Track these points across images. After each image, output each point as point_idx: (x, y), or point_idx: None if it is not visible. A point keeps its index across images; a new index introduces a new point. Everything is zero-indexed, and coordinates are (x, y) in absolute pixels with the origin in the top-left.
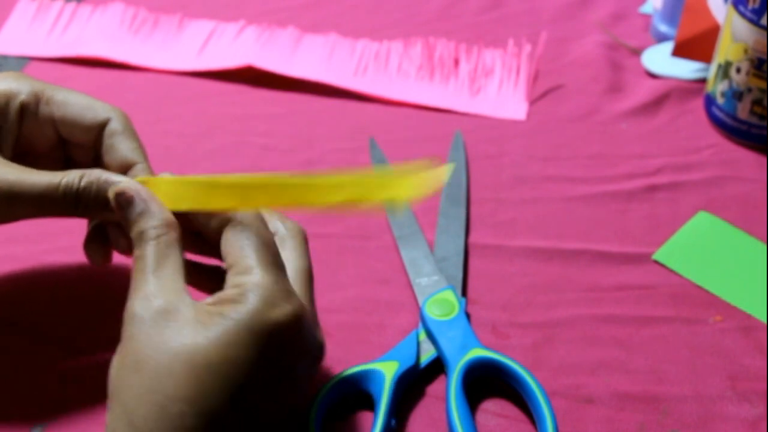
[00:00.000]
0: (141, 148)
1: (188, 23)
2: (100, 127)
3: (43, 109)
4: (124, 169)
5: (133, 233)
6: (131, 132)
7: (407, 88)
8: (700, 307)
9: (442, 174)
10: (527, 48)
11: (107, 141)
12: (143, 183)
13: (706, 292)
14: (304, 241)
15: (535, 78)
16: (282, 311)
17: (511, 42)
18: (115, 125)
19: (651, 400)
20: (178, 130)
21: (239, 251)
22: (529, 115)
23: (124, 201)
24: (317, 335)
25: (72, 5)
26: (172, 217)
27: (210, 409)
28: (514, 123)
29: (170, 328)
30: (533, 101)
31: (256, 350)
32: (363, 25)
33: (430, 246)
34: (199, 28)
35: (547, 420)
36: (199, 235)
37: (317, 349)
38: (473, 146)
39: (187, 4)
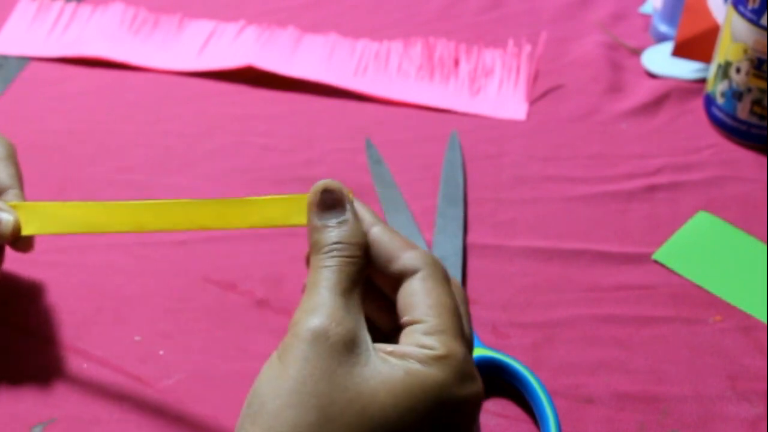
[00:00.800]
0: (19, 176)
1: (188, 23)
2: None
3: None
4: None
5: (324, 239)
6: (12, 160)
7: (407, 88)
8: (700, 307)
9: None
10: (527, 48)
11: None
12: (17, 206)
13: (706, 292)
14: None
15: (535, 78)
16: (470, 390)
17: (511, 42)
18: None
19: (651, 400)
20: (178, 130)
21: (431, 309)
22: (529, 115)
23: (331, 201)
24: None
25: (72, 5)
26: (365, 243)
27: None
28: (514, 123)
29: (352, 368)
30: (533, 101)
31: (434, 421)
32: (363, 25)
33: (429, 246)
34: (199, 29)
35: (550, 419)
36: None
37: None
38: (473, 146)
39: (187, 5)
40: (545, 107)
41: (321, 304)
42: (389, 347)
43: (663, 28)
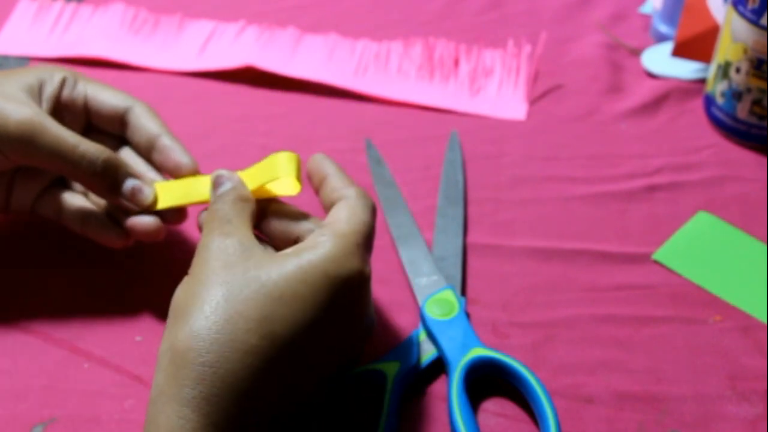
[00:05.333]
0: (164, 125)
1: (188, 23)
2: (125, 111)
3: (80, 89)
4: (152, 141)
5: (214, 196)
6: (155, 113)
7: (407, 88)
8: (700, 307)
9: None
10: (527, 48)
11: (132, 121)
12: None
13: (706, 292)
14: (369, 204)
15: (534, 78)
16: (354, 264)
17: (511, 42)
18: (139, 109)
19: (651, 400)
20: (178, 130)
21: (340, 215)
22: (528, 115)
23: (220, 180)
24: (372, 306)
25: (72, 5)
26: (248, 195)
27: (274, 333)
28: (514, 123)
29: (247, 260)
30: (533, 101)
31: (325, 291)
32: (363, 25)
33: (429, 246)
34: (200, 29)
35: (550, 418)
36: None
37: (371, 319)
38: (473, 146)
39: (188, 5)
40: (545, 107)
41: (212, 229)
42: (288, 250)
43: (663, 28)
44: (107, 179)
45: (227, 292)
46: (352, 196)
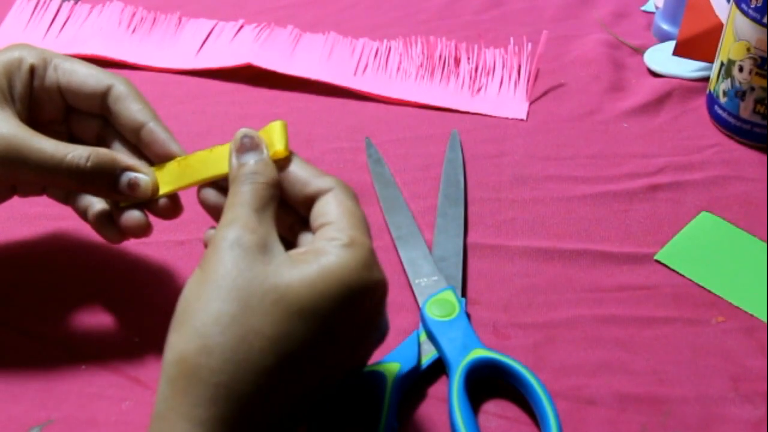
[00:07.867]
0: (148, 108)
1: (187, 22)
2: (104, 94)
3: (51, 75)
4: (136, 130)
5: (242, 172)
6: (136, 94)
7: (407, 87)
8: (703, 308)
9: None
10: (528, 47)
11: (114, 107)
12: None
13: (709, 292)
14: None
15: (535, 77)
16: (377, 275)
17: (512, 41)
18: (118, 90)
19: (653, 402)
20: (177, 129)
21: (341, 213)
22: (529, 114)
23: (250, 144)
24: (386, 313)
25: (70, 4)
26: (276, 178)
27: (289, 351)
28: (515, 122)
29: (267, 266)
30: (534, 100)
31: (346, 304)
32: (363, 23)
33: (429, 246)
34: (198, 27)
35: (551, 420)
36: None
37: (384, 327)
38: (473, 145)
39: (186, 3)
40: (546, 106)
41: (236, 218)
42: (302, 249)
43: (665, 26)
44: (100, 181)
45: (244, 305)
46: (336, 188)
